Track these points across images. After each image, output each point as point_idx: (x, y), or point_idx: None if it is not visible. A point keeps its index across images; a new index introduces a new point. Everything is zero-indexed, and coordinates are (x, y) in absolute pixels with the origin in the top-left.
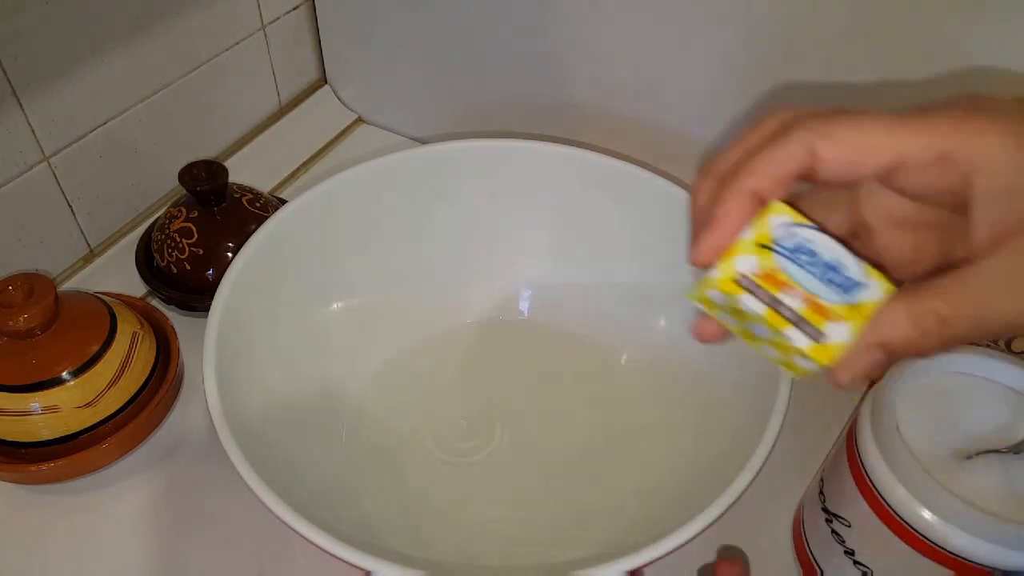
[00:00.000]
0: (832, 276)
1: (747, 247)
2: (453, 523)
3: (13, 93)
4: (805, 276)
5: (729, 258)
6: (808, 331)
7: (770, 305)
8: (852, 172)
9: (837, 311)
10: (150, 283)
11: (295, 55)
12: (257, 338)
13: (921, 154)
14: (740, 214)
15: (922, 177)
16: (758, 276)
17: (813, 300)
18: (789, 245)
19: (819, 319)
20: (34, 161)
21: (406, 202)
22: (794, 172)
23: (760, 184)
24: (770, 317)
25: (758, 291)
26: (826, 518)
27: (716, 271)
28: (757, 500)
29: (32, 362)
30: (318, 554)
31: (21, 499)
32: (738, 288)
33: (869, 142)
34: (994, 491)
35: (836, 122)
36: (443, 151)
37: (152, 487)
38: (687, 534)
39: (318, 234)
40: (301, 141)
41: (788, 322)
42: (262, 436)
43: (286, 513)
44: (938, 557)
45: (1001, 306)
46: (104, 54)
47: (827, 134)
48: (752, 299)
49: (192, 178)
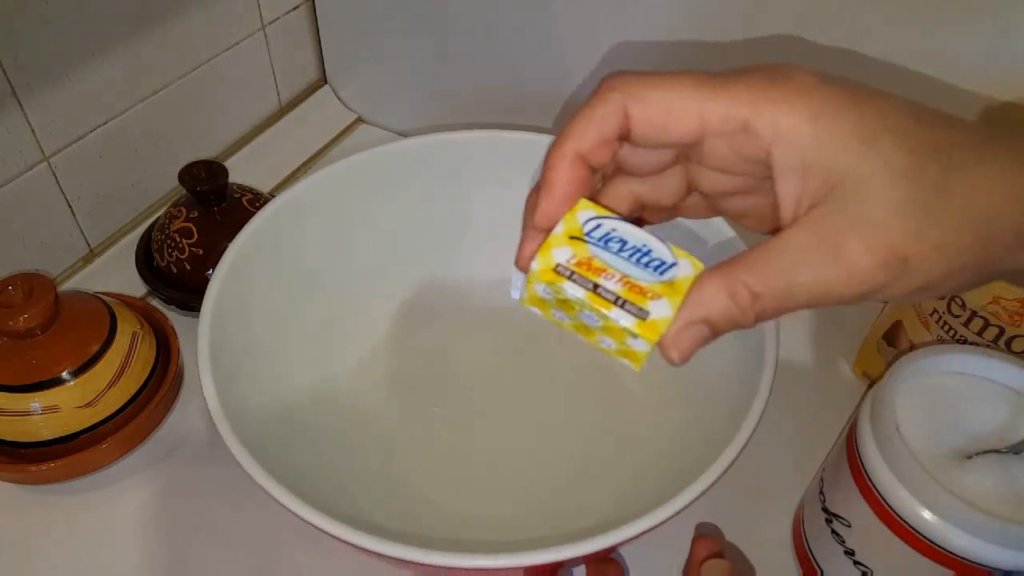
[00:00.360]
0: (644, 259)
1: (560, 240)
2: (449, 512)
3: (13, 93)
4: (619, 261)
5: (546, 251)
6: (631, 310)
7: (591, 290)
8: (660, 135)
9: (655, 289)
10: (150, 283)
11: (295, 55)
12: (251, 333)
13: (722, 124)
14: (567, 177)
15: (730, 147)
16: (575, 264)
17: (631, 281)
18: (599, 235)
19: (640, 298)
20: (34, 161)
21: (398, 194)
22: (612, 133)
23: (581, 146)
24: (593, 300)
25: (578, 278)
26: (826, 518)
27: (535, 264)
28: (757, 500)
29: (32, 362)
30: (318, 552)
31: (21, 499)
32: (559, 276)
33: (675, 107)
34: (994, 491)
35: (649, 84)
36: (435, 142)
37: (152, 487)
38: (678, 504)
39: (308, 228)
40: (301, 141)
41: (611, 303)
42: (262, 429)
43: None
44: (938, 557)
45: (802, 278)
46: (104, 54)
47: (638, 96)
48: (573, 285)
49: (192, 178)
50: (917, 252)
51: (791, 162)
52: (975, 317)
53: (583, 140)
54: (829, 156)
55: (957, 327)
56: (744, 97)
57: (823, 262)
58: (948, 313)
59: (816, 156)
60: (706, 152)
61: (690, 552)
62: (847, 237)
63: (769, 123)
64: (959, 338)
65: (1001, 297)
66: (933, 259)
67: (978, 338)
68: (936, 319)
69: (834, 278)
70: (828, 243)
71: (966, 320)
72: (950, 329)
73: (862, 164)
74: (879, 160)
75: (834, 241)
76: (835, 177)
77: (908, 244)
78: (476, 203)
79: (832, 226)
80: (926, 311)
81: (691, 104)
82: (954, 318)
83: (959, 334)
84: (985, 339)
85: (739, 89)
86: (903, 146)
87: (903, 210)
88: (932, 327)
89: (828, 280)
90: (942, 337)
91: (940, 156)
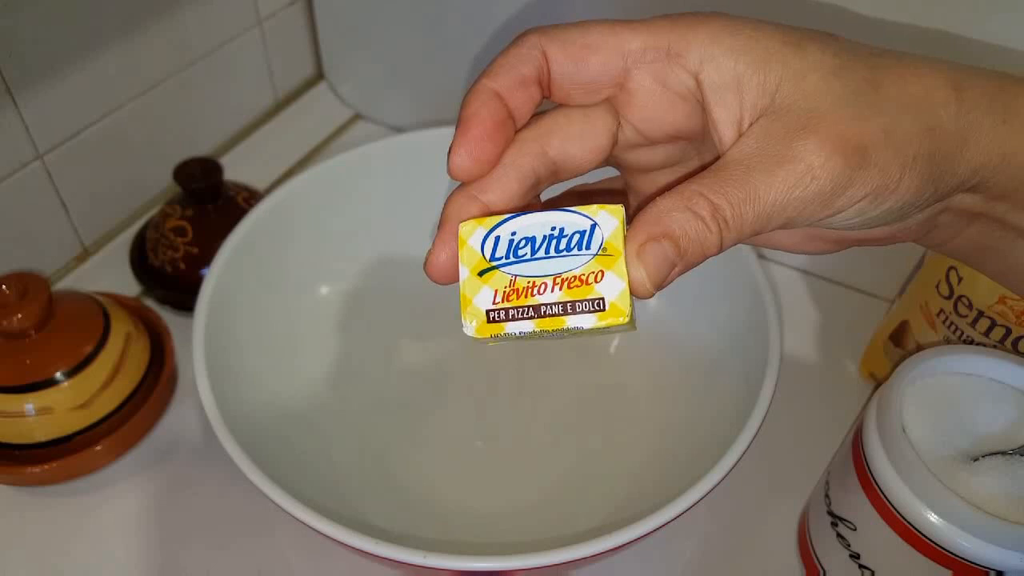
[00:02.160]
0: (561, 244)
1: (474, 285)
2: (449, 510)
3: (8, 91)
4: (539, 265)
5: (468, 305)
6: (585, 308)
7: (535, 317)
8: (579, 71)
9: (592, 268)
10: (144, 282)
11: (291, 50)
12: (246, 333)
13: (643, 54)
14: (484, 112)
15: (655, 78)
16: (503, 300)
17: (565, 278)
18: (503, 251)
19: (585, 289)
20: (28, 159)
21: (395, 191)
22: (531, 73)
23: (497, 83)
24: (543, 325)
25: (514, 313)
26: (831, 521)
27: (469, 328)
28: (762, 502)
29: (26, 363)
30: (315, 554)
31: (15, 501)
32: (497, 326)
33: (592, 41)
34: (1001, 493)
35: (566, 26)
36: (433, 137)
37: (147, 489)
38: (682, 506)
39: (303, 226)
40: (297, 138)
41: (562, 316)
42: (258, 430)
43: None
44: (944, 560)
45: (760, 184)
46: (99, 50)
47: (555, 35)
48: (515, 324)
49: (187, 176)
50: (869, 138)
51: (723, 80)
52: (982, 317)
53: (499, 77)
54: (760, 65)
55: (964, 327)
56: (663, 27)
57: (777, 164)
58: (955, 313)
59: (747, 69)
60: (631, 90)
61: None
62: (797, 136)
63: (695, 47)
64: (966, 338)
65: (1008, 297)
66: (884, 147)
67: (984, 338)
68: (943, 319)
69: (794, 180)
70: (779, 145)
71: (972, 320)
72: (956, 329)
73: (796, 64)
74: (810, 61)
75: (785, 142)
76: (771, 84)
77: (859, 131)
78: None
79: (780, 130)
80: (933, 311)
81: (610, 38)
82: (960, 318)
83: (965, 334)
84: (992, 339)
85: (660, 22)
86: (827, 50)
87: (845, 101)
88: (938, 327)
89: (788, 184)
90: (948, 338)
91: (864, 58)
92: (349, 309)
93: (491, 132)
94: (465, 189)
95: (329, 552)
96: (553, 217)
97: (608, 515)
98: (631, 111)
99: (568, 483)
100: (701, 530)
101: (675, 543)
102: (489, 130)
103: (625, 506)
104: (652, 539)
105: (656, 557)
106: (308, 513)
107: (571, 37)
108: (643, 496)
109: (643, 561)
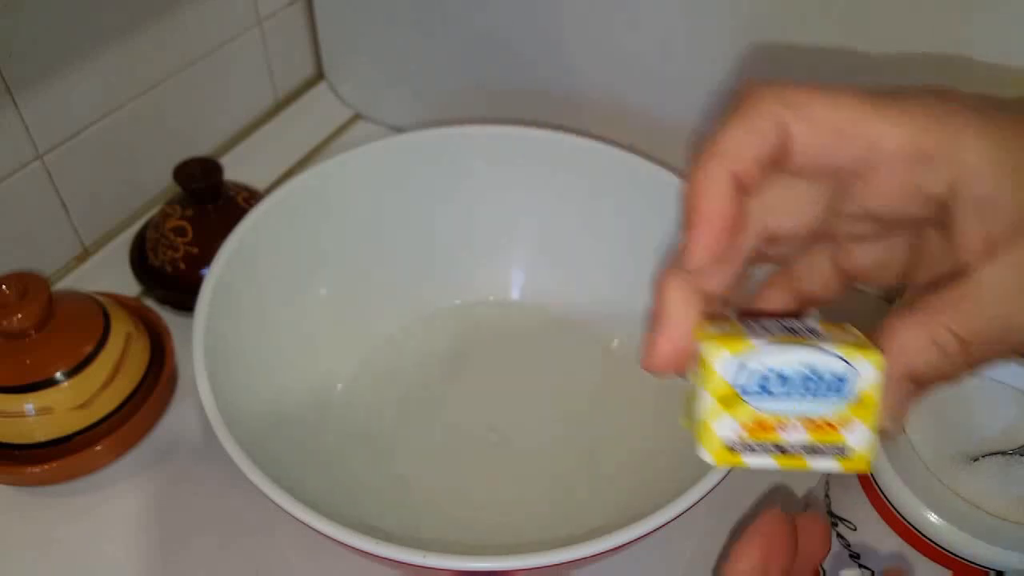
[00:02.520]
0: (815, 385)
1: (715, 412)
2: (449, 510)
3: (8, 90)
4: (790, 404)
5: (706, 431)
6: (828, 452)
7: (776, 453)
8: (825, 158)
9: (843, 417)
10: (144, 282)
11: (292, 50)
12: (247, 333)
13: (898, 148)
14: (727, 207)
15: (902, 177)
16: (745, 435)
17: (813, 422)
18: (752, 384)
19: (831, 435)
20: (28, 159)
21: (396, 190)
22: (770, 155)
23: (735, 166)
24: (783, 462)
25: (756, 446)
26: (832, 521)
27: (707, 455)
28: (763, 502)
29: (26, 363)
30: (315, 554)
31: (15, 501)
32: (734, 456)
33: (844, 126)
34: (1001, 493)
35: (810, 96)
36: (433, 137)
37: (147, 489)
38: (681, 506)
39: (304, 226)
40: (298, 138)
41: (804, 457)
42: (258, 430)
43: (296, 507)
44: (944, 560)
45: (1017, 320)
46: (99, 50)
47: (801, 110)
48: (755, 457)
49: (187, 176)
50: None
51: (981, 195)
52: None
53: (736, 159)
54: (1019, 190)
55: None
56: (920, 121)
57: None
58: None
59: (1004, 191)
60: (868, 183)
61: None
62: None
63: (954, 153)
64: None
65: None
66: None
67: None
68: None
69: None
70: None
71: None
72: None
73: None
74: None
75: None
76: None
77: None
78: (476, 200)
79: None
80: None
81: (862, 127)
82: None
83: None
84: None
85: (914, 111)
86: None
87: None
88: None
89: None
90: None
91: None
92: (349, 309)
93: (731, 227)
94: (682, 275)
95: (329, 552)
96: (808, 356)
97: (608, 515)
98: (864, 194)
99: (568, 483)
100: (701, 530)
101: (675, 543)
102: (729, 225)
103: (625, 506)
104: (652, 539)
105: (656, 557)
106: (308, 513)
107: (819, 116)
108: (643, 496)
109: (643, 561)
